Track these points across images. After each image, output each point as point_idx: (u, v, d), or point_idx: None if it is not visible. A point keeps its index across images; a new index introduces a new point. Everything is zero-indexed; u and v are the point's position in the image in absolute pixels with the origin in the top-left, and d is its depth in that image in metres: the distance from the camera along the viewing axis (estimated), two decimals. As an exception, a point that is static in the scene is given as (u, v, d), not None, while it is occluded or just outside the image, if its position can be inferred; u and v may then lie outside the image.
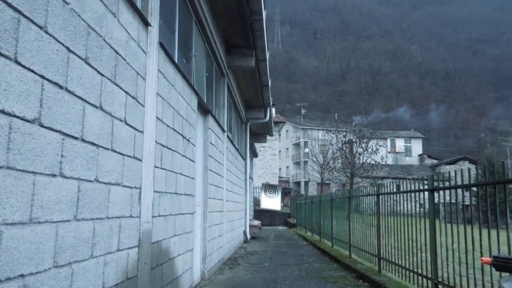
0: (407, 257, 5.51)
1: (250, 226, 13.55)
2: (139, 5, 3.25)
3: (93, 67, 2.35)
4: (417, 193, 5.38)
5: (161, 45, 3.70)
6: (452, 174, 4.57)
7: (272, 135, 19.02)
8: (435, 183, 4.91)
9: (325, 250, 9.94)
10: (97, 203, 2.40)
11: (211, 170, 6.50)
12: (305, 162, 45.43)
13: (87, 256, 2.28)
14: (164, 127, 3.83)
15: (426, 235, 4.95)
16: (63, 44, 2.03)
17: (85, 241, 2.26)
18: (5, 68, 1.62)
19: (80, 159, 2.21)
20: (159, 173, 3.64)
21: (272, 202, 22.75)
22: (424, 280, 4.95)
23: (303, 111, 59.60)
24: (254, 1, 6.20)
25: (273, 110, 23.20)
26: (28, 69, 1.76)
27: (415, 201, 5.41)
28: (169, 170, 3.99)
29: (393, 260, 5.98)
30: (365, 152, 27.38)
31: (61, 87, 2.01)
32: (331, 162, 30.41)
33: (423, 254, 5.00)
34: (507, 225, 3.42)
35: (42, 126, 1.85)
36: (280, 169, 48.46)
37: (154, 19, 3.50)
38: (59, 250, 1.99)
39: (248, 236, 12.82)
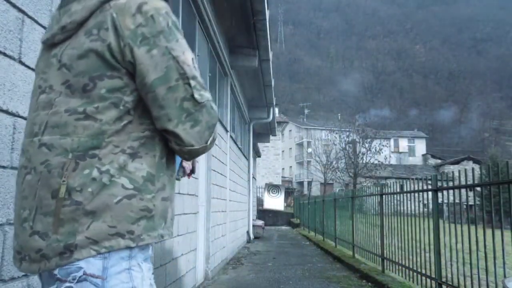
0: (410, 257, 5.49)
1: (253, 226, 13.55)
2: (142, 5, 3.24)
3: (96, 67, 2.35)
4: (420, 193, 5.37)
5: (164, 45, 3.69)
6: (456, 174, 4.55)
7: (275, 135, 19.02)
8: (439, 183, 4.89)
9: (328, 250, 9.93)
10: (100, 202, 2.40)
11: (214, 170, 6.51)
12: (308, 162, 45.35)
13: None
14: (167, 127, 3.82)
15: (430, 235, 4.93)
16: (67, 45, 2.03)
17: (89, 241, 2.26)
18: (9, 68, 1.63)
19: (84, 159, 2.21)
20: (162, 173, 3.64)
21: (275, 202, 22.76)
22: (428, 280, 4.94)
23: (306, 111, 59.50)
24: (258, 1, 6.20)
25: (276, 110, 23.18)
26: (32, 69, 1.76)
27: (419, 201, 5.40)
28: (172, 170, 3.99)
29: (397, 260, 5.96)
30: (368, 152, 27.35)
31: (65, 87, 2.01)
32: (334, 162, 30.37)
33: (427, 254, 4.98)
34: (512, 225, 3.41)
35: (46, 126, 1.86)
36: (283, 169, 48.42)
37: (157, 19, 3.49)
38: (63, 250, 1.99)
39: (251, 236, 12.82)
